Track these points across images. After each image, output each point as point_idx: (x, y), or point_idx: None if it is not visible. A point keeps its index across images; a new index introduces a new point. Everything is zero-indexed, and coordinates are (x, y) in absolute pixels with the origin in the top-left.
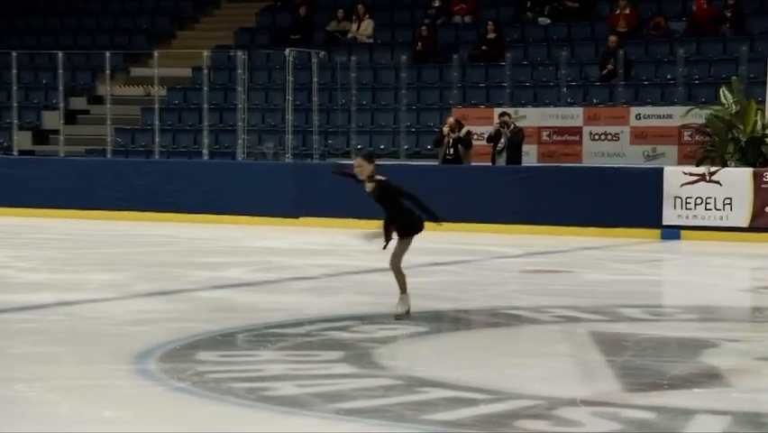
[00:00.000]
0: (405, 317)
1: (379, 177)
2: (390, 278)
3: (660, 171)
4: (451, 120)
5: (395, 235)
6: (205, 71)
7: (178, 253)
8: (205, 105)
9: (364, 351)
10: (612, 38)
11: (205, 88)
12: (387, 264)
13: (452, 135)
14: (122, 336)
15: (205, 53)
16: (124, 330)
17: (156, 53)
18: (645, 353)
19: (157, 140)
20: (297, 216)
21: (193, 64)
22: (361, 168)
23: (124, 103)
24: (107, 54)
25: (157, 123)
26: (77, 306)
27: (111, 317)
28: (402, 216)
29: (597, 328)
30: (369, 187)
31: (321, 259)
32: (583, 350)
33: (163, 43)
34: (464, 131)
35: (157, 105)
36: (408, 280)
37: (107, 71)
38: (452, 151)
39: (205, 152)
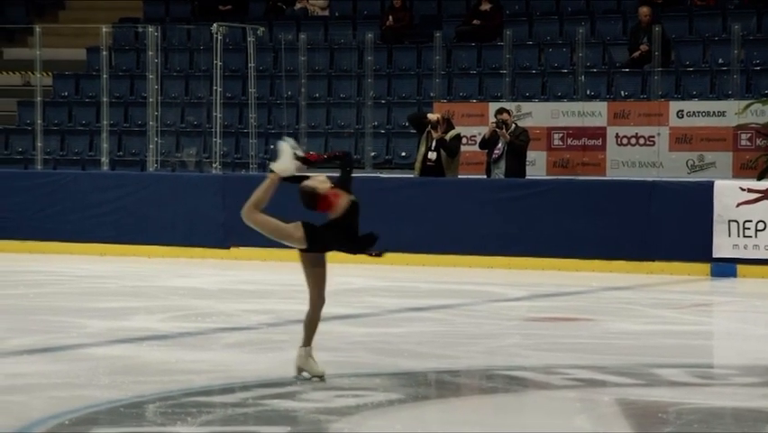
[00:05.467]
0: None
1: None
2: (355, 327)
3: (709, 187)
4: (437, 115)
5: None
6: (105, 53)
7: (66, 297)
8: (105, 99)
9: (317, 426)
10: (644, 9)
11: (105, 76)
12: (346, 310)
13: (436, 135)
14: None
15: (104, 29)
16: None
17: (38, 29)
18: (691, 428)
19: (39, 144)
20: (227, 247)
21: (88, 43)
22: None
23: None
24: None
25: (39, 121)
26: None
27: None
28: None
29: (626, 395)
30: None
31: (258, 303)
32: (608, 424)
33: (48, 16)
34: (452, 134)
35: (39, 98)
36: (377, 331)
37: None
38: (434, 155)
39: (104, 160)
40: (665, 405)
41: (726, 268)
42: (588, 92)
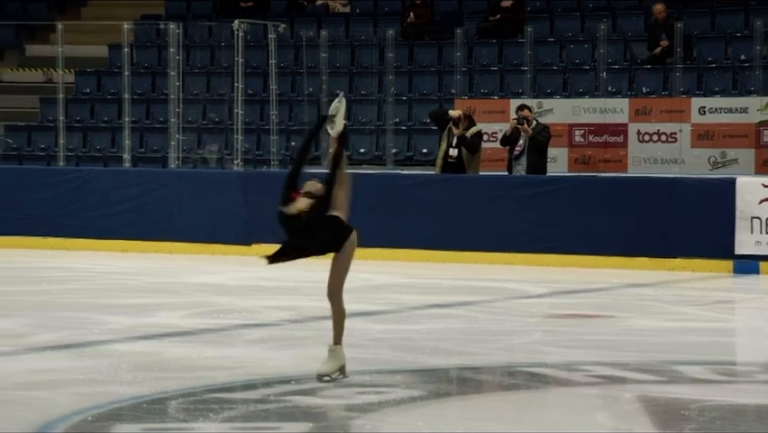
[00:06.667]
0: (335, 378)
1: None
2: (376, 324)
3: (731, 183)
4: (459, 112)
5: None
6: (126, 50)
7: (89, 293)
8: (126, 96)
9: (338, 422)
10: (658, 7)
11: (127, 73)
12: (368, 307)
13: (457, 131)
14: (14, 403)
15: (126, 26)
16: (18, 396)
17: (60, 25)
18: (713, 425)
19: (61, 141)
20: (249, 243)
21: (110, 40)
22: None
23: (17, 92)
24: None
25: (61, 118)
26: None
27: (0, 378)
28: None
29: (648, 392)
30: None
31: (280, 299)
32: (630, 421)
33: (70, 13)
34: (473, 130)
35: (61, 95)
36: (398, 328)
37: None
38: (455, 152)
39: (126, 156)
40: (687, 402)
41: (748, 265)
42: (609, 89)
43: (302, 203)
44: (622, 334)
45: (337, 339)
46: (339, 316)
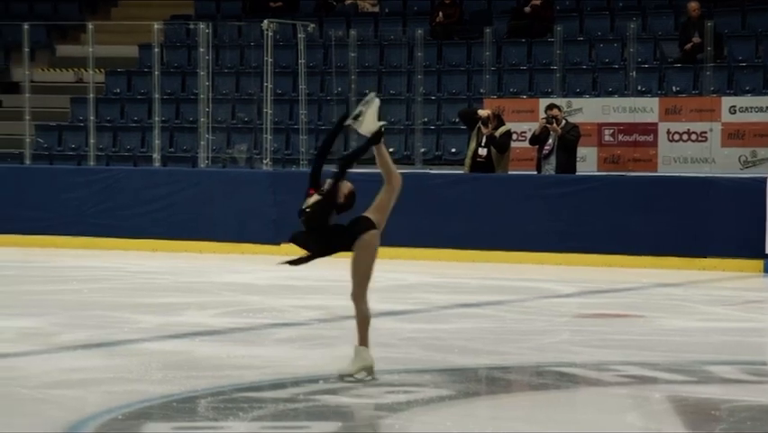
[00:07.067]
0: (361, 379)
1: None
2: (405, 323)
3: (762, 183)
4: (488, 112)
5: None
6: (156, 50)
7: (119, 292)
8: (156, 95)
9: (367, 422)
10: (692, 4)
11: (156, 72)
12: (397, 306)
13: (486, 131)
14: (45, 402)
15: (156, 26)
16: (48, 395)
17: (91, 26)
18: (744, 426)
19: (92, 141)
20: (278, 243)
21: (140, 40)
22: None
23: (48, 91)
24: (25, 27)
25: (92, 118)
26: None
27: (30, 377)
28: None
29: (678, 392)
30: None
31: (310, 299)
32: (660, 422)
33: (100, 13)
34: (502, 129)
35: (92, 95)
36: (427, 327)
37: (25, 49)
38: (484, 151)
39: (156, 156)
40: (717, 402)
41: None
42: (639, 88)
43: (311, 199)
44: (652, 334)
45: (362, 340)
46: (360, 318)
